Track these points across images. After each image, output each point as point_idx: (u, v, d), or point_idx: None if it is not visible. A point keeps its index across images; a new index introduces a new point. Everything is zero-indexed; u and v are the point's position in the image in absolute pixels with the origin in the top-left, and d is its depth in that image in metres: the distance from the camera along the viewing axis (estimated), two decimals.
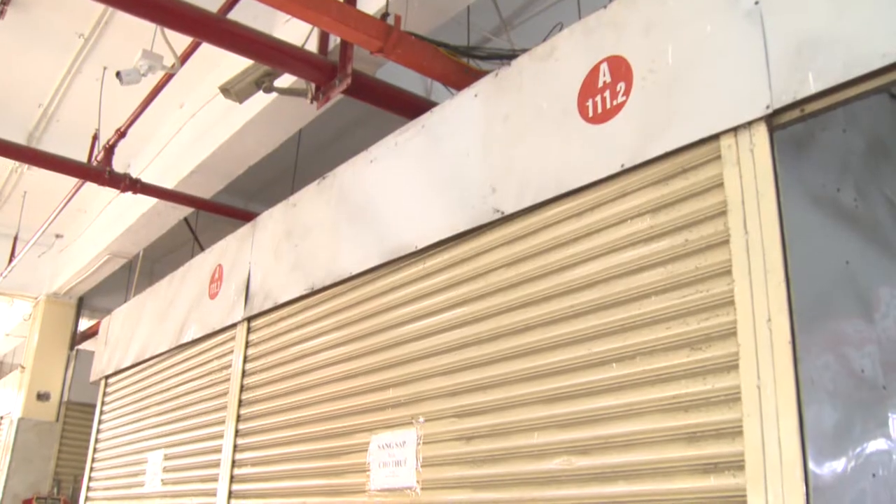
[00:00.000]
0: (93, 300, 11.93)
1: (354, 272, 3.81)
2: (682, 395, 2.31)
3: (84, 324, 11.75)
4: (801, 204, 2.35)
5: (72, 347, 11.47)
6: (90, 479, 7.09)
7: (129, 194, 7.56)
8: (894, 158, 2.94)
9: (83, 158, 7.28)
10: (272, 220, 4.76)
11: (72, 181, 7.87)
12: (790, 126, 2.28)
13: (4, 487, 10.40)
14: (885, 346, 2.50)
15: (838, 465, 2.14)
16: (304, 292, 4.19)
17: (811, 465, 2.00)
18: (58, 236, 11.17)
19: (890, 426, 2.41)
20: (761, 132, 2.27)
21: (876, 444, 2.32)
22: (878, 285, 2.60)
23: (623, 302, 2.55)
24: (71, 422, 11.07)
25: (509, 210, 3.02)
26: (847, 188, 2.59)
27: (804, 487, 1.96)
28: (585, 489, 2.53)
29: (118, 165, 7.27)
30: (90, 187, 7.81)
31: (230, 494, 4.55)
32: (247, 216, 6.52)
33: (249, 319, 4.78)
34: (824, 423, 2.13)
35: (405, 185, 3.62)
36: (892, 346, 2.55)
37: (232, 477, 4.57)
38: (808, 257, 2.26)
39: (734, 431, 2.15)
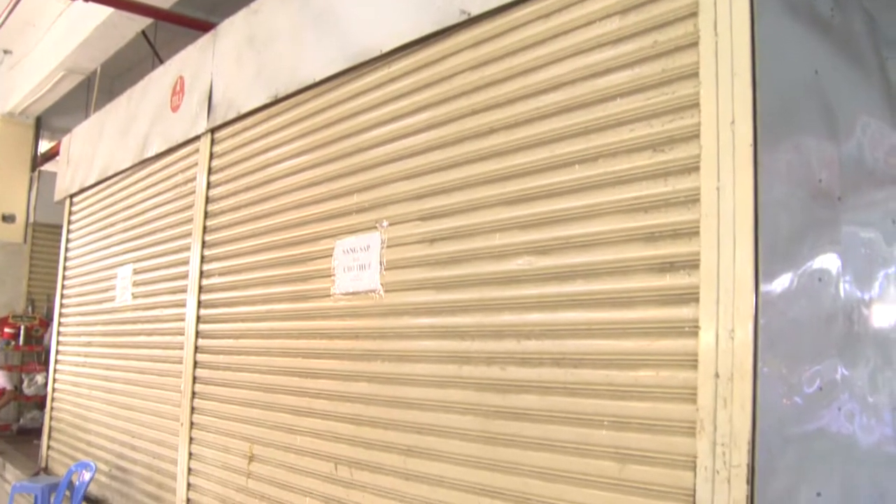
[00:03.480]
0: (51, 120, 11.59)
1: (319, 78, 3.71)
2: (642, 196, 2.34)
3: (45, 146, 11.48)
4: (775, 8, 2.28)
5: (34, 169, 11.27)
6: (62, 296, 7.20)
7: (79, 4, 7.14)
8: None
9: None
10: (234, 27, 4.57)
11: None
12: None
13: None
14: (844, 157, 2.53)
15: (789, 268, 2.20)
16: (267, 100, 4.09)
17: (762, 266, 2.05)
18: (6, 52, 10.64)
19: (841, 236, 2.47)
20: None
21: (826, 255, 2.38)
22: (846, 98, 2.59)
23: (587, 104, 2.52)
24: (39, 243, 11.08)
25: (476, 11, 2.91)
26: None
27: (754, 285, 2.03)
28: (545, 288, 2.60)
29: None
30: None
31: (199, 304, 4.65)
32: (208, 27, 6.18)
33: (213, 131, 4.69)
34: (779, 227, 2.17)
35: None
36: (851, 160, 2.59)
37: (201, 287, 4.65)
38: (777, 63, 2.23)
39: (691, 232, 2.20)
